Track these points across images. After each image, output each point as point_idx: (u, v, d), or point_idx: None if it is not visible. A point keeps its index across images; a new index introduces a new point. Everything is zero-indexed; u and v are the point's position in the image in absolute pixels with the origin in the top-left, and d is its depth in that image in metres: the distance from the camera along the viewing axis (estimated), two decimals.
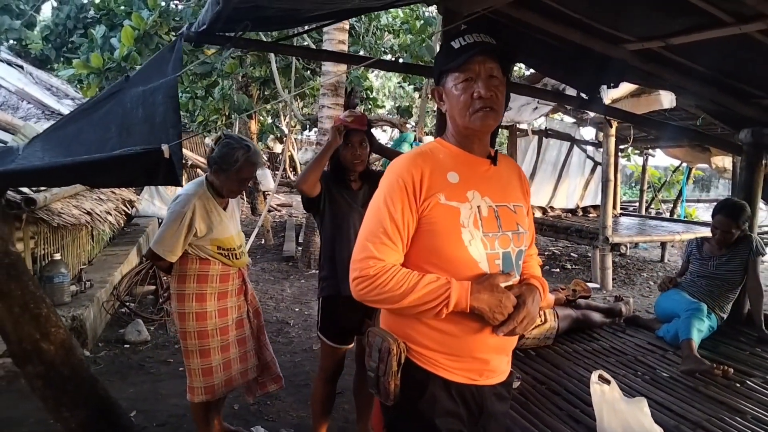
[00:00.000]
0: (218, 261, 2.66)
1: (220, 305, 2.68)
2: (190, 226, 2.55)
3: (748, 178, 4.02)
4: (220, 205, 2.68)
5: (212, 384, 2.69)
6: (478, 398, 1.58)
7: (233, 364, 2.76)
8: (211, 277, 2.65)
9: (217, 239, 2.63)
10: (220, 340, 2.69)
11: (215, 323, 2.66)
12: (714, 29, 2.73)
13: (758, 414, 2.63)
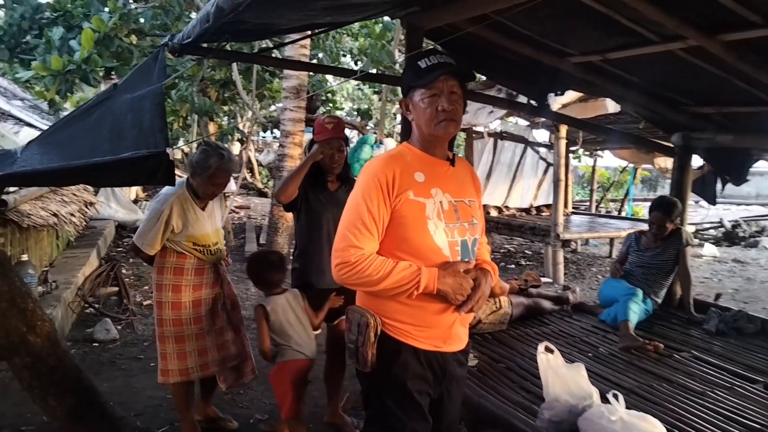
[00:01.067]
0: (194, 255, 2.87)
1: (195, 296, 2.89)
2: (167, 222, 2.76)
3: (679, 178, 4.47)
4: (198, 205, 2.88)
5: (186, 367, 2.89)
6: (442, 363, 1.87)
7: (210, 352, 2.94)
8: (187, 270, 2.87)
9: (193, 236, 2.83)
10: (194, 328, 2.89)
11: (189, 313, 2.87)
12: (644, 47, 3.13)
13: (684, 382, 3.03)
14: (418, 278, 1.72)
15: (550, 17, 2.76)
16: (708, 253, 10.00)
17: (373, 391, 1.91)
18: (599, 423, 2.17)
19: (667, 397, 2.82)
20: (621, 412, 2.15)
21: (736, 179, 4.70)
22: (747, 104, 3.80)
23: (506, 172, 10.38)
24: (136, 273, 6.94)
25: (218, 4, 1.99)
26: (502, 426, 2.39)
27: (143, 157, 1.83)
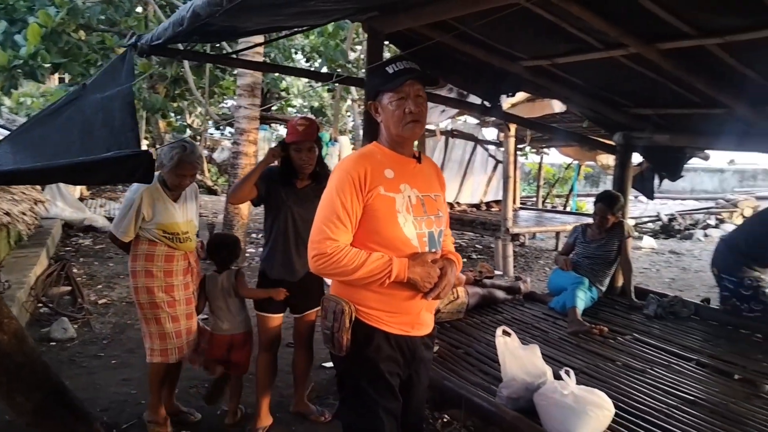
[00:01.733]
0: (164, 243, 3.00)
1: (167, 282, 3.01)
2: (138, 211, 2.90)
3: (621, 174, 4.80)
4: (169, 196, 3.02)
5: (167, 348, 3.02)
6: (411, 346, 2.03)
7: (183, 335, 3.07)
8: (157, 256, 2.99)
9: (162, 224, 2.96)
10: (169, 311, 3.01)
11: (162, 297, 3.00)
12: (589, 53, 3.38)
13: (627, 361, 3.32)
14: (390, 268, 1.87)
15: (504, 24, 2.95)
16: (647, 245, 10.55)
17: (347, 373, 2.04)
18: (553, 397, 2.39)
19: (612, 375, 3.08)
20: (572, 387, 2.37)
21: (672, 175, 5.06)
22: (682, 106, 4.12)
23: (457, 169, 10.58)
24: (87, 272, 6.84)
25: (195, 9, 2.08)
26: (464, 405, 2.57)
27: (126, 156, 1.91)
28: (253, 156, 7.82)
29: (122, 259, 7.75)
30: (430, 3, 2.89)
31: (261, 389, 3.19)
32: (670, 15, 2.73)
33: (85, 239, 8.76)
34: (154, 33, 2.69)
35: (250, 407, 3.44)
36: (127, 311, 5.42)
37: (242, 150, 7.59)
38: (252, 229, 9.73)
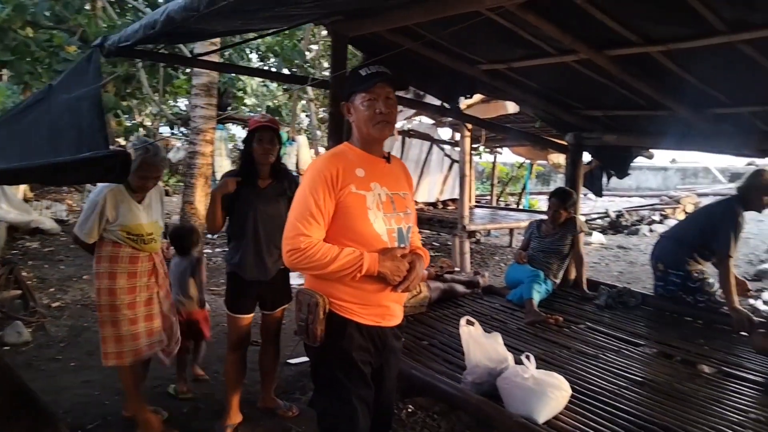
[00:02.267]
0: (128, 245, 3.00)
1: (130, 284, 3.02)
2: (102, 212, 2.90)
3: (572, 172, 5.04)
4: (134, 198, 3.01)
5: (122, 351, 3.01)
6: (382, 336, 2.13)
7: (141, 336, 3.06)
8: (122, 258, 2.99)
9: (126, 226, 2.96)
10: (127, 313, 3.01)
11: (124, 299, 2.99)
12: (543, 58, 3.57)
13: (580, 348, 3.53)
14: (361, 262, 1.97)
15: (464, 30, 3.09)
16: (596, 240, 10.98)
17: (321, 363, 2.13)
18: (515, 381, 2.54)
19: (567, 360, 3.28)
20: (532, 371, 2.53)
21: (619, 173, 5.34)
22: (628, 108, 4.37)
23: (414, 168, 10.73)
24: (38, 276, 6.66)
25: (170, 14, 2.12)
26: (432, 392, 2.70)
27: (103, 156, 1.94)
28: (210, 156, 7.76)
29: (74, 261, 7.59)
30: (393, 9, 3.01)
31: (231, 388, 3.22)
32: (618, 24, 2.93)
33: (33, 242, 8.49)
34: (122, 35, 2.71)
35: (218, 405, 3.50)
36: (83, 314, 5.34)
37: (199, 150, 7.53)
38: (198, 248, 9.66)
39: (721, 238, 3.99)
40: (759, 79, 3.20)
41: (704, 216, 4.39)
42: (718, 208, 4.25)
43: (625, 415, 2.59)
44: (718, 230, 4.03)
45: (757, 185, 4.09)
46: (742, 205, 4.08)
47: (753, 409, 2.75)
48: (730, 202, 4.16)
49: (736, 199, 4.15)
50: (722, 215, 4.08)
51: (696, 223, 4.37)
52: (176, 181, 16.07)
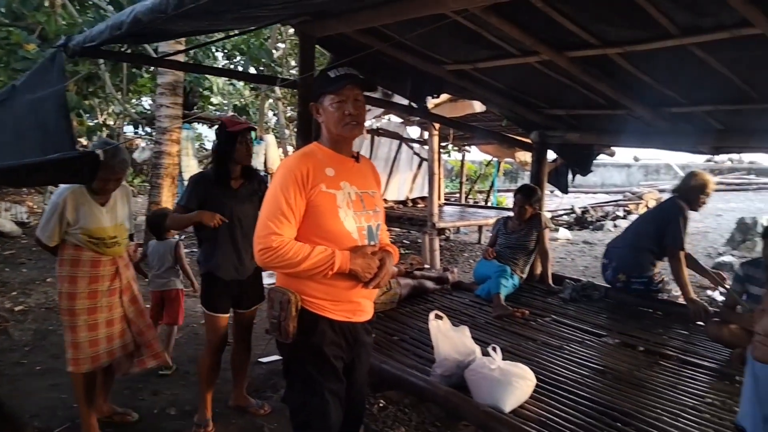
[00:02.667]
0: (89, 248, 2.93)
1: (91, 288, 2.95)
2: (62, 215, 2.83)
3: (537, 170, 5.18)
4: (96, 200, 2.92)
5: (78, 358, 2.95)
6: (353, 332, 2.18)
7: (100, 342, 3.00)
8: (83, 262, 2.93)
9: (87, 229, 2.88)
10: (87, 319, 2.94)
11: (84, 304, 2.93)
12: (506, 59, 3.67)
13: (546, 339, 3.64)
14: (333, 260, 2.01)
15: (429, 31, 3.16)
16: (562, 236, 11.21)
17: (294, 359, 2.16)
18: (482, 372, 2.63)
19: (533, 352, 3.38)
20: (499, 362, 2.62)
21: (582, 171, 5.50)
22: (590, 108, 4.50)
23: (383, 166, 10.77)
24: None
25: (137, 15, 2.13)
26: (402, 385, 2.77)
27: (72, 157, 1.95)
28: (177, 156, 7.70)
29: (36, 264, 7.43)
30: (360, 10, 3.05)
31: (206, 386, 3.23)
32: (577, 27, 3.04)
33: None
34: (87, 35, 2.70)
35: (188, 404, 3.50)
36: (47, 317, 5.25)
37: (165, 150, 7.47)
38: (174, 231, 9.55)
39: (672, 234, 4.15)
40: (711, 80, 3.35)
41: (654, 218, 4.48)
42: (665, 208, 4.42)
43: (587, 402, 2.70)
44: (669, 227, 4.18)
45: (693, 186, 4.28)
46: (683, 203, 4.26)
47: (708, 394, 2.89)
48: (675, 201, 4.32)
49: (678, 198, 4.32)
50: (670, 213, 4.24)
51: (648, 227, 4.43)
52: (141, 181, 15.82)
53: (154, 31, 3.00)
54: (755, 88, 3.32)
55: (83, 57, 2.86)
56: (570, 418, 2.56)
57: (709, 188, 4.31)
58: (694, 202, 4.29)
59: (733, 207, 16.48)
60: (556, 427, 2.47)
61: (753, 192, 22.09)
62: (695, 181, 4.31)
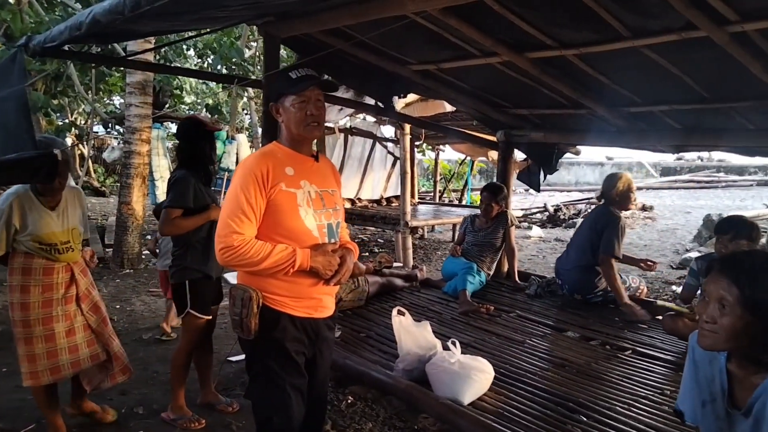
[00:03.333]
0: (40, 255, 2.80)
1: (45, 297, 2.82)
2: (8, 222, 2.70)
3: (503, 168, 5.28)
4: (46, 203, 2.80)
5: (36, 371, 2.83)
6: (315, 327, 2.22)
7: (61, 353, 2.88)
8: (35, 270, 2.80)
9: (37, 235, 2.76)
10: (43, 329, 2.82)
11: (38, 313, 2.81)
12: (469, 59, 3.74)
13: (509, 335, 3.73)
14: (294, 258, 2.05)
15: (393, 32, 3.22)
16: (535, 234, 11.36)
17: (256, 354, 2.20)
18: (442, 366, 2.69)
19: (497, 346, 3.47)
20: (458, 356, 2.69)
21: (549, 169, 5.59)
22: (552, 107, 4.60)
23: (357, 165, 10.77)
24: None
25: (95, 17, 2.15)
26: (365, 380, 2.82)
27: (30, 157, 1.95)
28: (147, 155, 7.64)
29: None
30: (323, 11, 3.10)
31: (180, 384, 3.26)
32: (534, 29, 3.12)
33: None
34: (47, 35, 2.69)
35: (156, 404, 3.51)
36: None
37: (135, 149, 7.41)
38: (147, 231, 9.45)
39: (606, 241, 4.21)
40: (665, 81, 3.46)
41: (589, 230, 4.47)
42: (598, 218, 4.43)
43: (545, 394, 2.79)
44: (604, 235, 4.24)
45: (619, 189, 4.33)
46: (614, 208, 4.34)
47: (666, 386, 2.99)
48: (606, 209, 4.39)
49: (607, 206, 4.40)
50: (606, 222, 4.29)
51: (585, 243, 4.44)
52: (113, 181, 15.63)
53: (116, 32, 3.00)
54: (706, 88, 3.44)
55: (44, 57, 2.84)
56: (527, 408, 2.65)
57: (632, 185, 4.38)
58: (624, 204, 4.38)
59: (702, 204, 16.89)
60: (512, 417, 2.55)
61: (722, 189, 22.67)
62: (619, 183, 4.35)
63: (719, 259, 1.63)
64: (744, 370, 1.57)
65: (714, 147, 4.74)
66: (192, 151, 3.12)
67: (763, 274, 1.50)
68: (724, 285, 1.52)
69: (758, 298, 1.48)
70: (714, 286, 1.56)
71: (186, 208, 3.00)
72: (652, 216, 14.23)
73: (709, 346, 1.59)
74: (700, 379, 1.72)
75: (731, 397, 1.62)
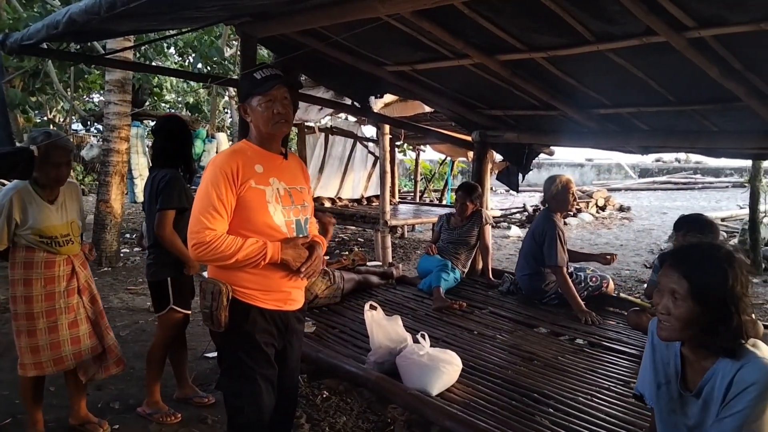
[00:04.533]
0: (42, 249, 2.85)
1: (48, 290, 2.88)
2: (9, 216, 2.75)
3: (478, 168, 5.38)
4: (45, 197, 2.86)
5: (40, 361, 2.90)
6: (285, 320, 2.29)
7: (63, 345, 2.94)
8: (37, 263, 2.85)
9: (37, 228, 2.81)
10: (46, 322, 2.88)
11: (42, 306, 2.87)
12: (442, 61, 3.83)
13: (481, 330, 3.83)
14: (265, 251, 2.11)
15: (368, 33, 3.28)
16: (513, 234, 11.51)
17: (226, 346, 2.27)
18: (411, 358, 2.78)
19: (468, 341, 3.57)
20: (427, 349, 2.77)
21: (523, 169, 5.70)
22: (525, 109, 4.70)
23: (338, 165, 10.80)
24: None
25: (72, 16, 2.19)
26: (337, 373, 2.89)
27: (5, 153, 1.99)
28: (126, 153, 7.63)
29: None
30: (299, 12, 3.16)
31: (156, 378, 3.32)
32: (503, 32, 3.21)
33: None
34: (25, 33, 2.72)
35: (132, 399, 3.54)
36: None
37: (113, 147, 7.40)
38: (125, 229, 9.42)
39: (549, 253, 4.23)
40: (631, 84, 3.57)
41: (532, 236, 4.48)
42: (539, 224, 4.45)
43: (510, 386, 2.89)
44: (545, 245, 4.26)
45: (557, 191, 4.38)
46: (555, 213, 4.40)
47: (629, 378, 3.09)
48: (546, 214, 4.44)
49: (548, 210, 4.46)
50: (545, 230, 4.31)
51: (529, 252, 4.47)
52: (92, 179, 15.49)
53: (94, 30, 3.04)
54: (670, 91, 3.56)
55: (21, 54, 2.86)
56: (493, 399, 2.74)
57: (571, 186, 4.40)
58: (564, 206, 4.43)
59: (678, 205, 17.23)
60: (478, 407, 2.64)
61: (698, 191, 23.12)
62: (557, 185, 4.39)
63: (670, 253, 1.71)
64: (695, 354, 1.66)
65: (680, 148, 4.87)
66: (176, 150, 3.16)
67: (708, 264, 1.58)
68: (675, 278, 1.60)
69: (705, 288, 1.56)
70: (666, 279, 1.64)
71: (180, 209, 3.05)
72: (630, 216, 14.50)
73: (667, 338, 1.68)
74: (657, 362, 1.81)
75: (684, 380, 1.72)
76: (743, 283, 1.56)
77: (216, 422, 3.29)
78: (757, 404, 1.49)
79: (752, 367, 1.53)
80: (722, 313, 1.55)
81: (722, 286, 1.54)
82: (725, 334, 1.55)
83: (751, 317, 1.60)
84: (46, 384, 3.20)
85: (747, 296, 1.57)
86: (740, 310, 1.55)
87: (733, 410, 1.52)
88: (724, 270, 1.55)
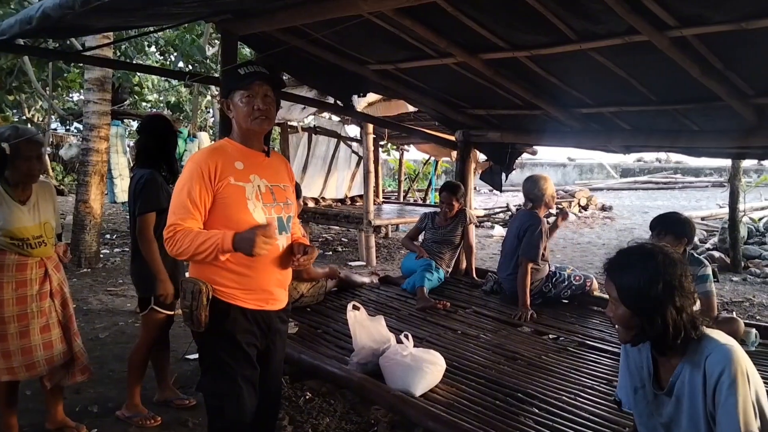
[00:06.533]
0: (13, 251, 2.76)
1: (19, 293, 2.78)
2: None
3: (461, 167, 5.37)
4: (16, 197, 2.77)
5: (12, 366, 2.80)
6: (267, 320, 2.25)
7: (36, 350, 2.85)
8: (8, 266, 2.75)
9: (8, 230, 2.72)
10: (18, 326, 2.79)
11: (13, 310, 2.77)
12: (425, 60, 3.81)
13: (464, 329, 3.82)
14: (218, 239, 2.00)
15: (350, 31, 3.26)
16: (497, 233, 11.54)
17: (207, 346, 2.22)
18: (395, 359, 2.75)
19: (452, 341, 3.56)
20: (411, 349, 2.75)
21: (506, 168, 5.71)
22: (508, 108, 4.71)
23: (321, 165, 10.76)
24: None
25: (45, 11, 2.13)
26: (320, 374, 2.86)
27: None
28: (105, 153, 7.52)
29: None
30: (280, 10, 3.12)
31: (137, 381, 3.26)
32: (486, 31, 3.20)
33: None
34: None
35: (111, 402, 3.47)
36: None
37: (93, 147, 7.28)
38: (105, 230, 9.29)
39: (529, 246, 4.25)
40: (613, 83, 3.59)
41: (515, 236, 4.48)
42: (522, 222, 4.46)
43: (494, 385, 2.88)
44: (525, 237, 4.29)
45: (539, 190, 4.40)
46: (538, 211, 4.42)
47: (612, 377, 3.08)
48: (530, 212, 4.45)
49: (531, 209, 4.48)
50: (529, 227, 4.32)
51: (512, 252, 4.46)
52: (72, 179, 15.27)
53: (69, 26, 2.97)
54: (652, 91, 3.58)
55: None
56: (477, 399, 2.73)
57: (550, 185, 4.44)
58: (546, 204, 4.44)
59: (659, 205, 17.42)
60: (462, 408, 2.63)
61: (679, 190, 23.42)
62: (538, 184, 4.41)
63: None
64: (663, 355, 1.68)
65: (661, 148, 4.91)
66: (159, 149, 3.10)
67: (630, 268, 1.63)
68: (609, 285, 1.67)
69: (629, 291, 1.61)
70: (606, 285, 1.70)
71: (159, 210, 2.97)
72: (611, 216, 14.63)
73: (622, 340, 1.72)
74: (631, 366, 1.83)
75: (657, 381, 1.73)
76: (670, 281, 1.58)
77: (197, 425, 3.24)
78: (737, 390, 1.50)
79: (716, 354, 1.56)
80: (652, 311, 1.58)
81: (645, 286, 1.57)
82: (669, 330, 1.58)
83: (694, 310, 1.63)
84: (22, 388, 3.13)
85: (682, 292, 1.59)
86: (676, 306, 1.57)
87: (722, 405, 1.52)
88: (647, 271, 1.59)
